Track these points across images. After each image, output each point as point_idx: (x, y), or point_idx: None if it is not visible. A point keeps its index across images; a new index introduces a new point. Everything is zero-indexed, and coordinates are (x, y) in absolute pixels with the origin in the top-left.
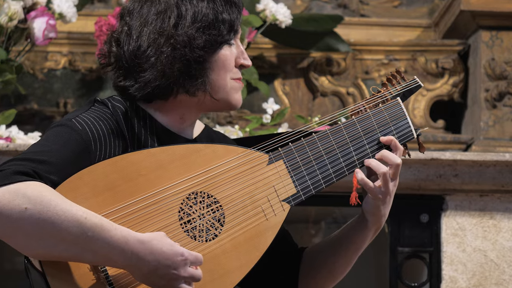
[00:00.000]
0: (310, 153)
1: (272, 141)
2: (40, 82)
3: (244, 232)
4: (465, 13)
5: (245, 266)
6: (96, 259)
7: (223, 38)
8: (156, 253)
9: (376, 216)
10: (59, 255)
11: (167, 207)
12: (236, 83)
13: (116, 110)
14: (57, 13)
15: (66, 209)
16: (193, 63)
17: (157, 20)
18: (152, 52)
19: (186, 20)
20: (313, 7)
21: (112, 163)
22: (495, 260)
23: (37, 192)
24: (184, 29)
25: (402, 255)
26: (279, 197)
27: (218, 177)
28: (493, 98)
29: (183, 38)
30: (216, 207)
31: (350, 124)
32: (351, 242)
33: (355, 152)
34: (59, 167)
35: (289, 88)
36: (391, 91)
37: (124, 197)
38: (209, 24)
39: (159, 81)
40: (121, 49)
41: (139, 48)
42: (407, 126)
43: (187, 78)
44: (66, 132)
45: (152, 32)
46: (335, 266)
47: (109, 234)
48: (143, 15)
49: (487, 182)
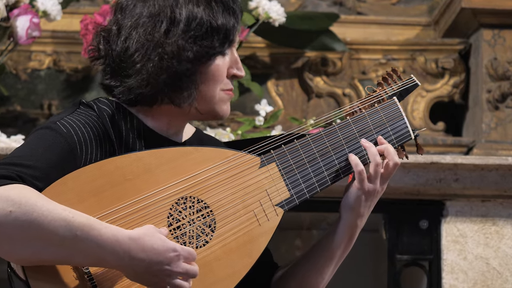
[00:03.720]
0: (304, 155)
1: (264, 143)
2: (23, 83)
3: (236, 238)
4: (466, 11)
5: (237, 274)
6: (87, 260)
7: (215, 50)
8: (148, 249)
9: (353, 214)
10: (47, 258)
11: (156, 213)
12: (226, 94)
13: (103, 113)
14: (41, 11)
15: (52, 209)
16: (180, 75)
17: (149, 24)
18: (139, 58)
19: (179, 27)
20: (307, 5)
21: (98, 167)
22: (498, 268)
23: (22, 195)
24: (175, 37)
25: (401, 263)
26: (272, 201)
27: (208, 181)
28: (495, 99)
29: (172, 48)
30: (206, 212)
31: (345, 125)
32: (323, 249)
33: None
34: (43, 172)
35: (282, 89)
36: (386, 90)
37: (111, 202)
38: (202, 34)
39: (143, 89)
40: (109, 47)
41: (126, 51)
42: (405, 127)
43: (172, 90)
44: (50, 136)
45: (142, 36)
46: (304, 278)
47: (98, 233)
48: (134, 15)
49: (489, 187)
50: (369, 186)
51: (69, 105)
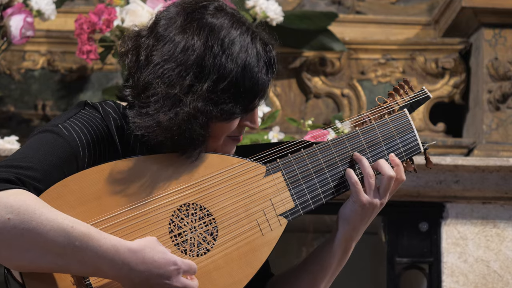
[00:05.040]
0: (310, 165)
1: (270, 152)
2: (17, 83)
3: (238, 248)
4: (466, 10)
5: (238, 284)
6: (84, 270)
7: (234, 116)
8: (148, 262)
9: (349, 226)
10: (45, 266)
11: (157, 219)
12: (231, 140)
13: (108, 116)
14: (35, 10)
15: (52, 218)
16: (190, 137)
17: (176, 70)
18: (153, 105)
19: (204, 85)
20: (305, 4)
21: (100, 170)
22: (499, 271)
23: (21, 201)
24: (196, 95)
25: (400, 266)
26: (276, 211)
27: (211, 189)
28: (496, 99)
29: (189, 109)
30: (208, 220)
31: (354, 135)
32: (317, 260)
33: (358, 166)
34: (44, 174)
35: (280, 90)
36: (398, 101)
37: (112, 207)
38: (227, 97)
39: (152, 130)
40: (134, 67)
41: (146, 88)
42: (414, 140)
43: (180, 140)
44: (52, 138)
45: (164, 82)
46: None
47: (97, 243)
48: (170, 49)
49: (490, 189)
50: (365, 199)
51: (73, 106)
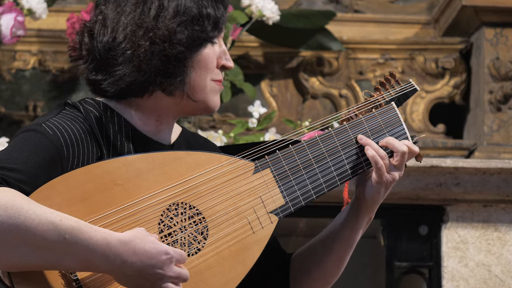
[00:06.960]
0: (299, 161)
1: (258, 148)
2: (7, 83)
3: (229, 246)
4: (467, 9)
5: (230, 282)
6: (75, 264)
7: (206, 35)
8: (140, 252)
9: (374, 204)
10: (35, 263)
11: (146, 219)
12: (216, 85)
13: (89, 114)
14: (26, 9)
15: (39, 212)
16: (173, 60)
17: (136, 10)
18: (129, 45)
19: (168, 12)
20: (303, 3)
21: (87, 171)
22: (500, 275)
23: (7, 198)
24: (165, 22)
25: (400, 271)
26: (266, 209)
27: (200, 187)
28: (497, 100)
29: (163, 32)
30: (198, 219)
31: (342, 130)
32: (344, 238)
33: (347, 161)
34: (29, 175)
35: (277, 90)
36: (384, 95)
37: (100, 208)
38: (192, 19)
39: (134, 77)
40: (94, 40)
41: (114, 39)
42: (403, 133)
43: (164, 76)
44: (35, 138)
45: (130, 23)
46: (328, 266)
47: (88, 235)
48: (120, 4)
49: (491, 192)
50: (388, 178)
51: (54, 106)
